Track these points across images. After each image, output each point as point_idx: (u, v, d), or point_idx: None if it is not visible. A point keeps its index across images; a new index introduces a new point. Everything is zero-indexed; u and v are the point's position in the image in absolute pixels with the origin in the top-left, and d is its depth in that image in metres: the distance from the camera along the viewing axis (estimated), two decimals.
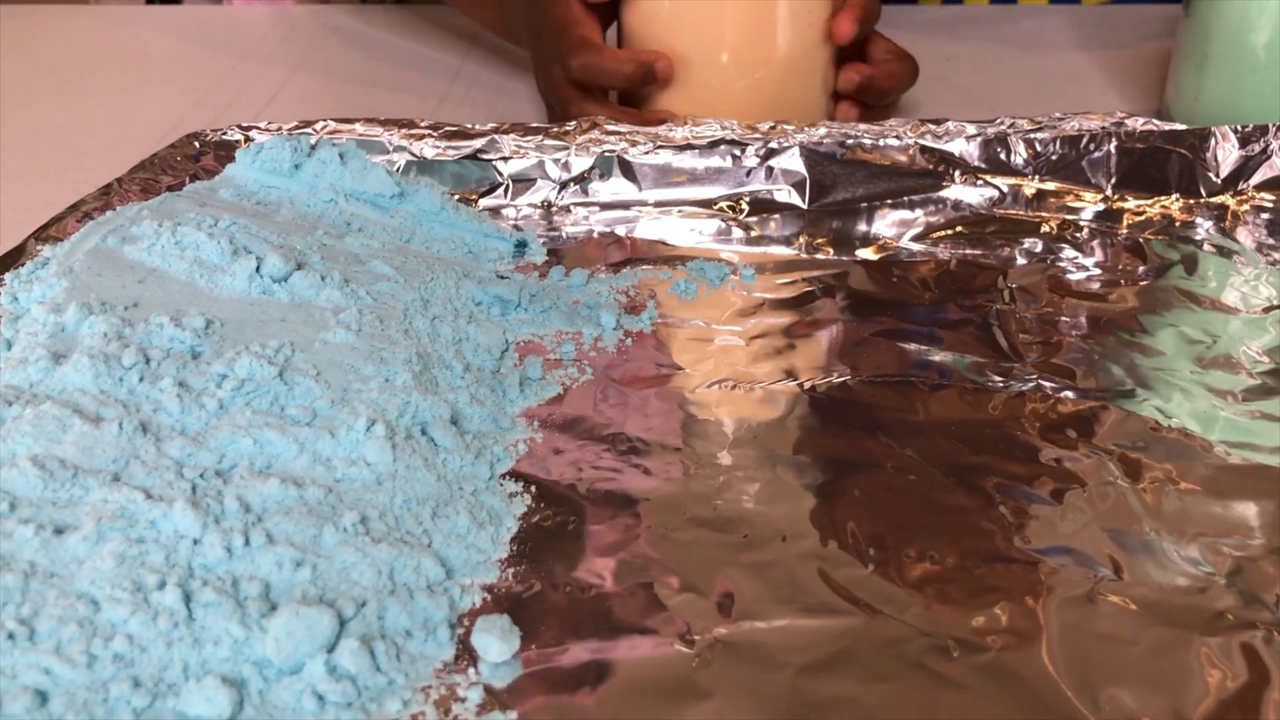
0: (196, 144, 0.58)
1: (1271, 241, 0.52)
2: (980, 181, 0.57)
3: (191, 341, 0.37)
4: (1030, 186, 0.56)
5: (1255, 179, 0.55)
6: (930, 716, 0.28)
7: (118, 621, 0.28)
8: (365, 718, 0.28)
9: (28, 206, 0.57)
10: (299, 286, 0.41)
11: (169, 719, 0.27)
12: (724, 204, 0.56)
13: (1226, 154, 0.55)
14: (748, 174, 0.56)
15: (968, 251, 0.52)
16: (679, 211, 0.56)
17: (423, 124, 0.58)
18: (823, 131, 0.57)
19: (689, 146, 0.57)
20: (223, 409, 0.35)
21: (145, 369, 0.36)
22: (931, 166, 0.56)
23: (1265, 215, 0.54)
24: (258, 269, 0.41)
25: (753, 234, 0.54)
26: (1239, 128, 0.55)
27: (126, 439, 0.33)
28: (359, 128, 0.58)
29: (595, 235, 0.54)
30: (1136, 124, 0.57)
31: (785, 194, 0.56)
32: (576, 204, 0.57)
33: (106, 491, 0.31)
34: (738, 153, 0.56)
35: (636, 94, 0.64)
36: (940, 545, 0.34)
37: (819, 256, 0.52)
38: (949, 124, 0.58)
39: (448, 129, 0.58)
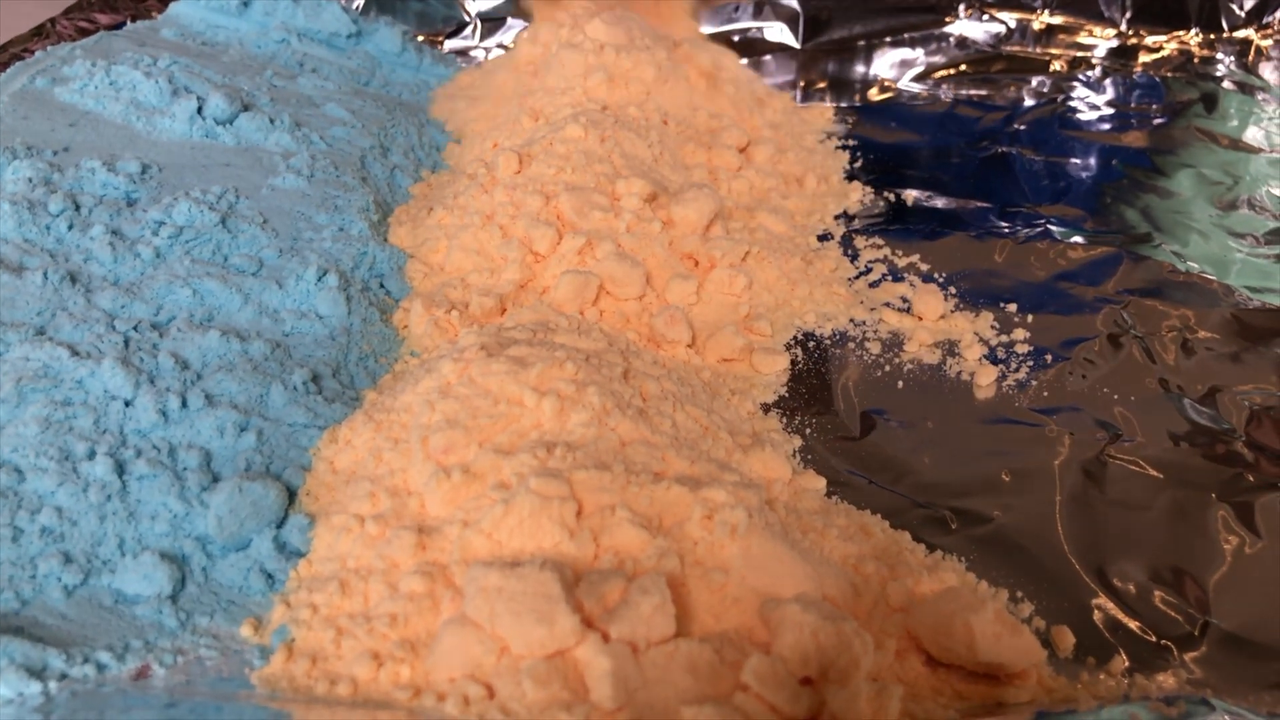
0: None
1: None
2: (986, 16, 0.53)
3: (126, 187, 0.34)
4: (1039, 21, 0.53)
5: None
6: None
7: (44, 493, 0.26)
8: None
9: None
10: (245, 129, 0.38)
11: (105, 597, 0.25)
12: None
13: None
14: (735, 9, 0.52)
15: (972, 92, 0.49)
16: None
17: None
18: None
19: None
20: (159, 258, 0.32)
21: (75, 216, 0.33)
22: None
23: None
24: (199, 110, 0.38)
25: None
26: None
27: (52, 289, 0.30)
28: None
29: None
30: None
31: (777, 31, 0.52)
32: None
33: (29, 348, 0.28)
34: None
35: None
36: (936, 408, 0.32)
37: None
38: None
39: None
